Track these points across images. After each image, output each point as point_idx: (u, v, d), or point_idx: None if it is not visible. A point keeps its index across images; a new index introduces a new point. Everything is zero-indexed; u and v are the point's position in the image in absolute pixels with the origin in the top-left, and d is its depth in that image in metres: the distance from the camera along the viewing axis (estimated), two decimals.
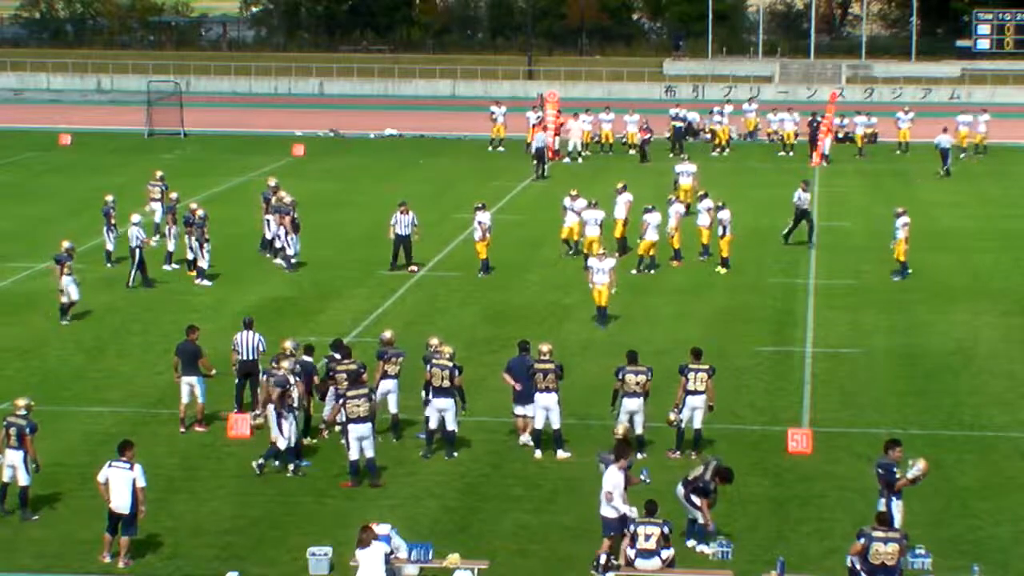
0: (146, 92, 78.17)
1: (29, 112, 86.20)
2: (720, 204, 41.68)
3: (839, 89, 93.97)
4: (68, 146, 69.19)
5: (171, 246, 41.04)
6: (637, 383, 25.70)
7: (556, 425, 26.03)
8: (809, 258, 43.34)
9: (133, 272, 38.63)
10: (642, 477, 22.41)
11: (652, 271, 40.66)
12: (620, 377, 25.82)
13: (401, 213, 40.63)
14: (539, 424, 26.09)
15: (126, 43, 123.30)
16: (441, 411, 25.87)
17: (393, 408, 26.61)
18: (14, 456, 22.96)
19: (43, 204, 52.43)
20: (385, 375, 26.53)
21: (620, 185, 44.03)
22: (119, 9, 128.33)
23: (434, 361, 25.93)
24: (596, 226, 40.70)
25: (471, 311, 36.74)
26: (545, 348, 26.36)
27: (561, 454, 25.94)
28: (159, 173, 47.72)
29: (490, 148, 67.56)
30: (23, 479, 23.01)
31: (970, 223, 49.28)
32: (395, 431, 26.74)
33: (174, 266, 40.73)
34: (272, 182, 44.10)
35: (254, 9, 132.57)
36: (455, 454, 25.90)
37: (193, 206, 41.30)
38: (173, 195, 42.87)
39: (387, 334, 27.42)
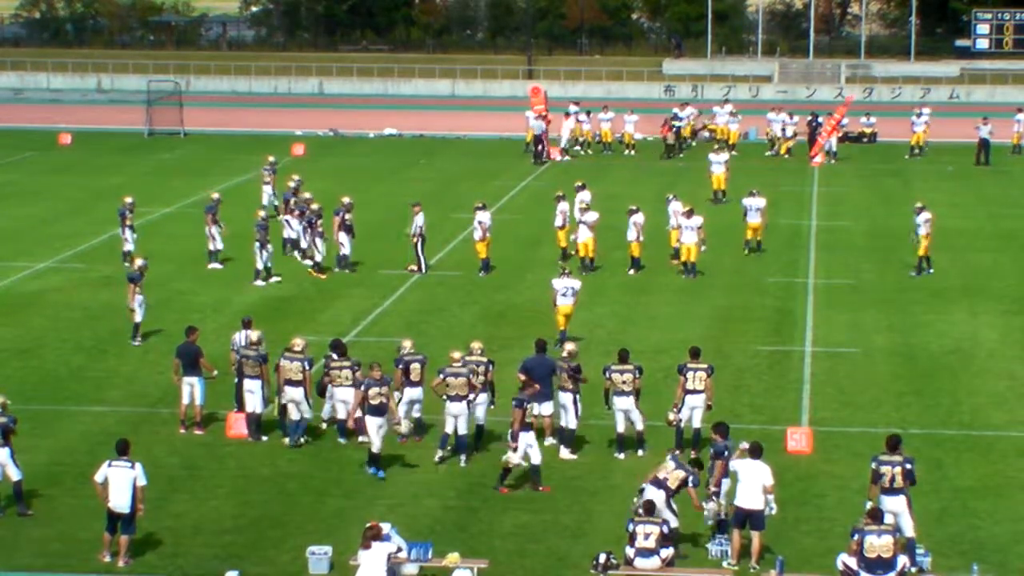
0: (146, 92, 78.10)
1: (29, 112, 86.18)
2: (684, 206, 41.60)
3: (838, 89, 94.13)
4: (68, 146, 69.21)
5: (212, 245, 41.09)
6: (623, 381, 25.78)
7: (571, 425, 26.08)
8: (808, 258, 43.39)
9: None
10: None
11: (635, 271, 40.68)
12: (608, 376, 25.93)
13: (415, 214, 40.81)
14: (562, 422, 26.20)
15: (126, 43, 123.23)
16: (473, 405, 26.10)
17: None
18: (1, 454, 23.01)
19: (43, 204, 52.44)
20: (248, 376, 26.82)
21: (579, 183, 44.32)
22: (119, 9, 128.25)
23: (468, 358, 26.10)
24: (588, 230, 40.55)
25: (471, 311, 36.77)
26: (568, 348, 26.63)
27: (564, 454, 25.94)
28: (271, 158, 49.54)
29: (580, 149, 66.29)
30: (14, 475, 23.07)
31: (970, 223, 49.30)
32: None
33: (216, 265, 40.79)
34: (293, 183, 44.44)
35: (254, 9, 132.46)
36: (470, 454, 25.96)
37: (347, 200, 41.22)
38: (215, 195, 42.54)
39: (253, 335, 27.32)
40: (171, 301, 37.31)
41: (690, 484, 21.82)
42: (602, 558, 20.90)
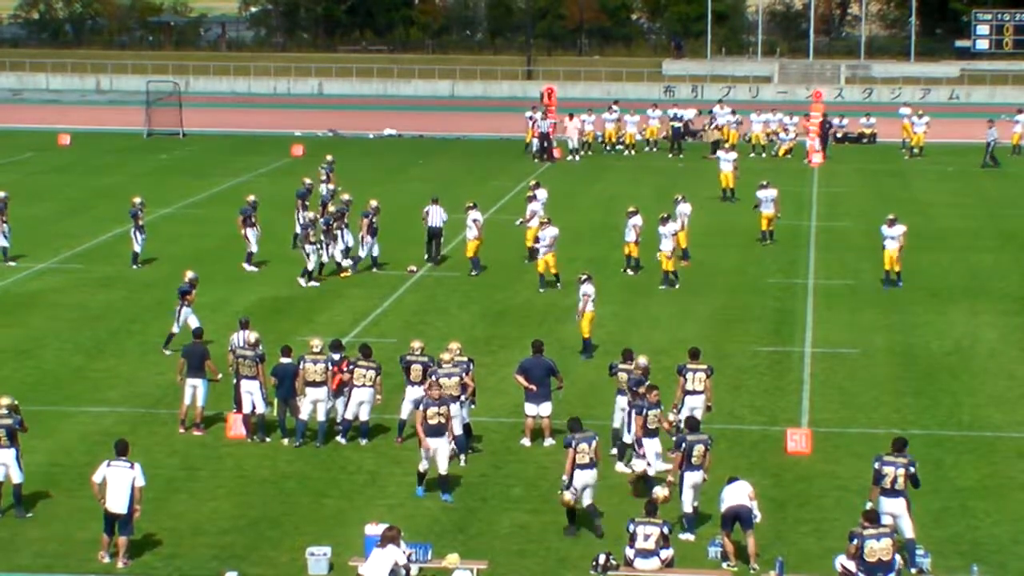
0: (145, 92, 78.16)
1: (29, 112, 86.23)
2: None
3: (838, 89, 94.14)
4: (68, 146, 69.23)
5: (249, 247, 41.07)
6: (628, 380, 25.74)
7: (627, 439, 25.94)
8: (808, 258, 43.38)
9: None
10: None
11: (633, 272, 40.62)
12: (613, 374, 25.90)
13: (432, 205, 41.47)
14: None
15: (125, 43, 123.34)
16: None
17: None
18: (6, 455, 22.99)
19: (43, 204, 52.42)
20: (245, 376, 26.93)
21: (533, 182, 44.40)
22: (118, 9, 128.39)
23: (445, 358, 25.96)
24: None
25: (470, 311, 36.76)
26: (641, 363, 25.88)
27: (620, 467, 25.72)
28: (329, 157, 49.95)
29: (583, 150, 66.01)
30: (16, 477, 23.05)
31: (970, 223, 49.30)
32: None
33: (251, 268, 40.82)
34: (307, 181, 44.66)
35: (253, 9, 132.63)
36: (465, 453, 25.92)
37: (375, 203, 41.43)
38: (251, 197, 42.28)
39: (251, 336, 27.41)
40: (170, 302, 37.20)
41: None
42: (602, 559, 20.90)
